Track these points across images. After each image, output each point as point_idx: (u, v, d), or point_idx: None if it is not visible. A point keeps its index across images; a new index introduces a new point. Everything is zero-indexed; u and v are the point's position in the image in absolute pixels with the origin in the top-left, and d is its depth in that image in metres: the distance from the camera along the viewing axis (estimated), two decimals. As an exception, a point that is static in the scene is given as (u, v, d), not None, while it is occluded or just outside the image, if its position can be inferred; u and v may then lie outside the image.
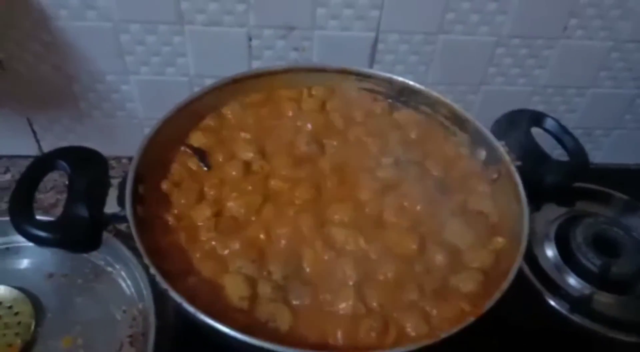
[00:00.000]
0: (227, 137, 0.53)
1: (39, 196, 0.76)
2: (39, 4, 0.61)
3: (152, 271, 0.39)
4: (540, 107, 0.76)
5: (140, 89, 0.71)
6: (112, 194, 0.45)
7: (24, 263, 0.67)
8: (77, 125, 0.75)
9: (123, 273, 0.66)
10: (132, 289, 0.65)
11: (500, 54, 0.70)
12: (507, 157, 0.51)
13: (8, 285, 0.63)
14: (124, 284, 0.66)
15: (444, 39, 0.68)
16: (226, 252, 0.44)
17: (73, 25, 0.63)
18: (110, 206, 0.44)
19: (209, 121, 0.54)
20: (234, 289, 0.41)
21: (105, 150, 0.79)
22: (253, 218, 0.47)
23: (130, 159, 0.78)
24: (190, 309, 0.37)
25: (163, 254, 0.43)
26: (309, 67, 0.60)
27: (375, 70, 0.58)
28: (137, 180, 0.46)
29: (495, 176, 0.52)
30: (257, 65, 0.69)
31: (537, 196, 0.51)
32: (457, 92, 0.74)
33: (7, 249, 0.67)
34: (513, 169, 0.49)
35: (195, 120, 0.54)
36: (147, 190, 0.47)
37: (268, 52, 0.67)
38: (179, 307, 0.38)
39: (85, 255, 0.66)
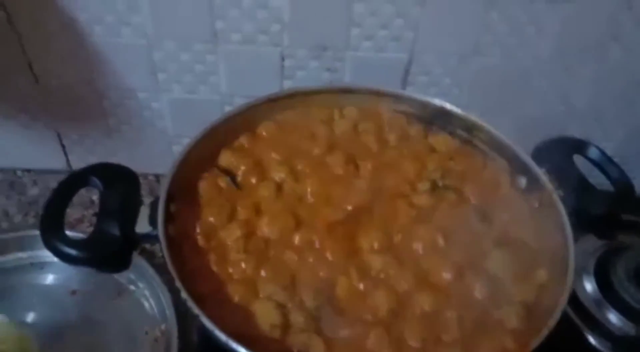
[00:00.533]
0: (259, 157, 0.52)
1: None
2: (76, 20, 0.61)
3: (184, 295, 0.37)
4: (576, 134, 0.74)
5: (171, 106, 0.70)
6: (143, 212, 0.44)
7: (48, 279, 0.66)
8: (106, 140, 0.75)
9: (146, 292, 0.65)
10: (155, 309, 0.64)
11: (537, 77, 0.68)
12: (549, 186, 0.49)
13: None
14: (146, 304, 0.65)
15: (479, 61, 0.66)
16: (257, 276, 0.43)
17: (108, 42, 0.63)
18: (141, 225, 0.43)
19: (242, 141, 0.53)
20: (265, 317, 0.40)
21: (133, 166, 0.79)
22: (285, 242, 0.46)
23: (157, 176, 0.79)
24: (222, 337, 0.35)
25: (192, 276, 0.42)
26: (344, 88, 0.58)
27: (411, 93, 0.57)
28: (169, 199, 0.45)
29: (536, 204, 0.49)
30: (288, 85, 0.68)
31: (578, 227, 0.49)
32: (491, 116, 0.72)
33: (32, 264, 0.67)
34: (556, 197, 0.47)
35: (228, 139, 0.53)
36: (178, 209, 0.46)
37: (301, 72, 0.67)
38: (209, 333, 0.37)
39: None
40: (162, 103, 0.70)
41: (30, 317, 0.63)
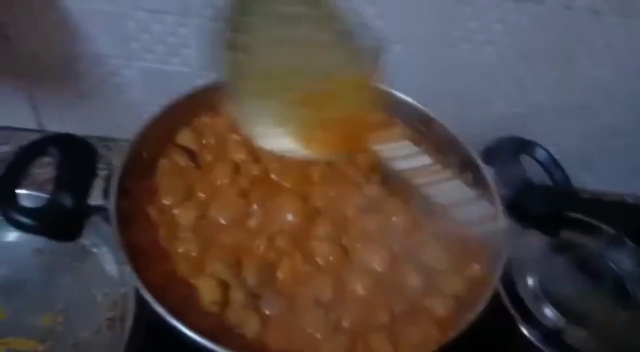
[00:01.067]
0: (219, 137, 0.54)
1: (35, 170, 0.77)
2: (49, -16, 0.61)
3: (128, 268, 0.39)
4: (536, 131, 0.76)
5: (143, 75, 0.71)
6: (98, 185, 0.45)
7: (12, 236, 0.67)
8: (78, 103, 0.75)
9: (109, 256, 0.67)
10: (115, 273, 0.66)
11: (503, 75, 0.70)
12: (492, 183, 0.51)
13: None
14: (108, 267, 0.66)
15: (447, 54, 0.68)
16: (204, 254, 0.45)
17: (81, 7, 0.63)
18: (95, 197, 0.44)
19: (204, 119, 0.54)
20: (207, 293, 0.42)
21: (103, 130, 0.80)
22: (236, 226, 0.47)
23: (126, 141, 0.80)
24: (160, 309, 0.38)
25: (141, 249, 0.44)
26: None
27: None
28: (125, 173, 0.46)
29: (479, 201, 0.51)
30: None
31: (522, 224, 0.51)
32: (455, 111, 0.74)
33: (-4, 220, 0.68)
34: (496, 195, 0.50)
35: (190, 117, 0.54)
36: (133, 184, 0.47)
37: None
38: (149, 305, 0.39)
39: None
40: (133, 71, 0.70)
41: (-9, 273, 0.64)
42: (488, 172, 0.51)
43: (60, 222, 0.42)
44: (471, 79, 0.70)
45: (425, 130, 0.57)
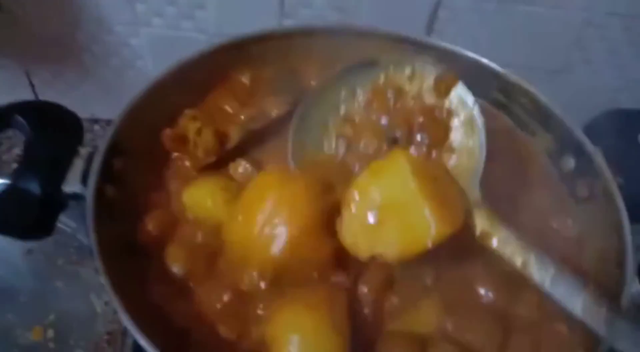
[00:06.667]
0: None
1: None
2: None
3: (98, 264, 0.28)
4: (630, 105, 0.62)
5: (152, 44, 0.60)
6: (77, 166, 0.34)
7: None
8: (81, 79, 0.65)
9: (110, 258, 0.56)
10: (118, 279, 0.55)
11: (590, 35, 0.56)
12: (606, 171, 0.38)
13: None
14: (109, 272, 0.56)
15: (523, 10, 0.55)
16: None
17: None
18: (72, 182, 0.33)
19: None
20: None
21: (111, 113, 0.69)
22: None
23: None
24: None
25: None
26: (354, 30, 0.47)
27: (439, 41, 0.46)
28: (115, 151, 0.35)
29: (585, 194, 0.39)
30: (288, 24, 0.57)
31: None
32: (530, 78, 0.61)
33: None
34: (614, 188, 0.36)
35: (202, 85, 0.43)
36: (129, 165, 0.36)
37: (304, 10, 0.56)
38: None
39: (70, 231, 0.56)
40: (141, 39, 0.60)
41: (-22, 277, 0.55)
42: (598, 155, 0.38)
43: (23, 215, 0.31)
44: (553, 41, 0.57)
45: (505, 101, 0.44)
